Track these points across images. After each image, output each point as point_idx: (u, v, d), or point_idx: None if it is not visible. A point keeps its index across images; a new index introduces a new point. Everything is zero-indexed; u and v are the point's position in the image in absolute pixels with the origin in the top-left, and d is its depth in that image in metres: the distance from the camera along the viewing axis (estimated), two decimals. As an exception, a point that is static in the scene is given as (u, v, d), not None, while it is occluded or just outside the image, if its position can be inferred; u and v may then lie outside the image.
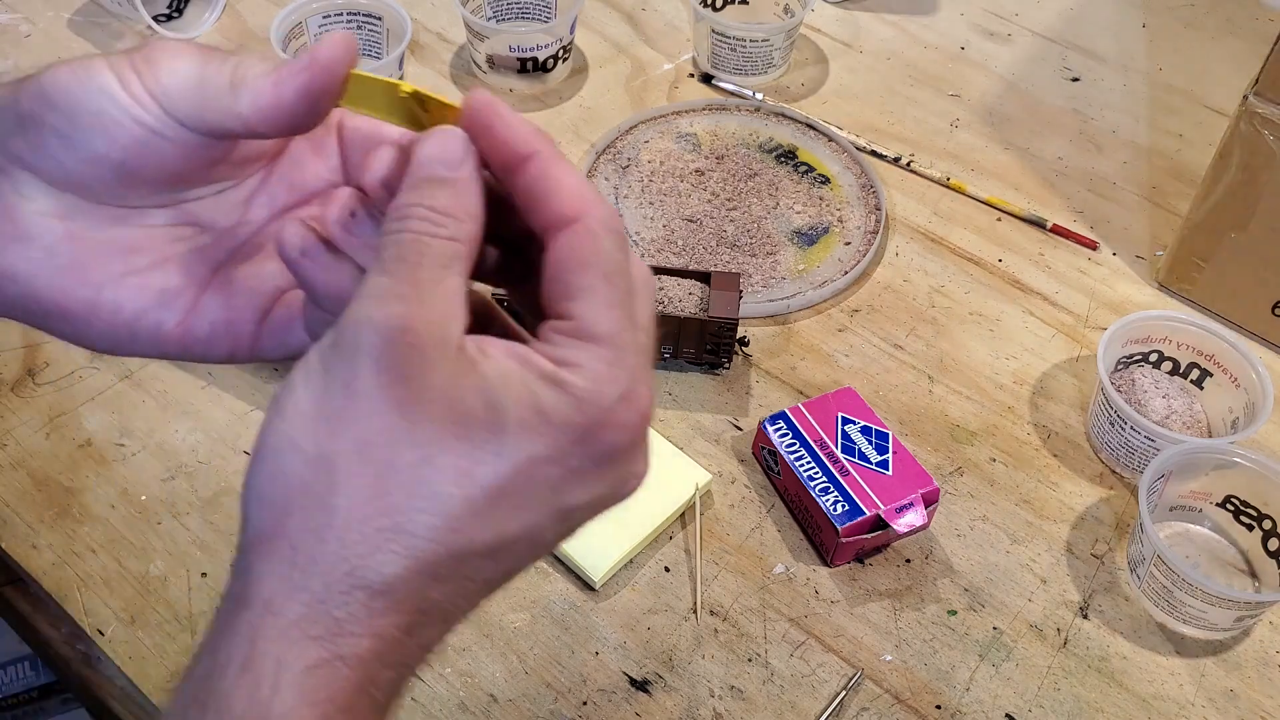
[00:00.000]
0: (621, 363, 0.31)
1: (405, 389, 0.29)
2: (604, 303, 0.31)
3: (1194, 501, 0.67)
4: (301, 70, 0.33)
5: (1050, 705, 0.59)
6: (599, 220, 0.32)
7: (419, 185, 0.32)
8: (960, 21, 1.01)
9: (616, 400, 0.30)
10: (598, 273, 0.31)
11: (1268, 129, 0.69)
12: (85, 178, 0.35)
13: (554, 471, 0.30)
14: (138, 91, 0.34)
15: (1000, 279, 0.80)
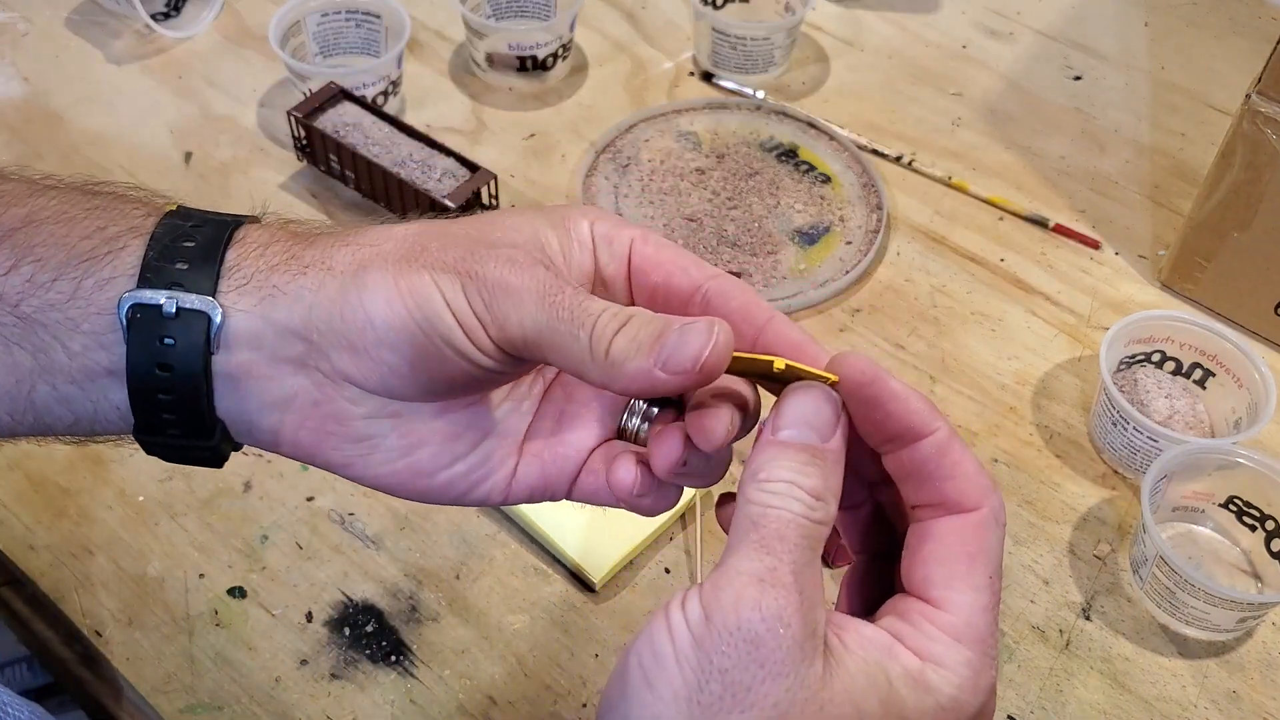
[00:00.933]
0: (986, 672, 0.30)
1: (780, 685, 0.28)
2: (984, 605, 0.31)
3: (1196, 502, 0.66)
4: (684, 370, 0.32)
5: (1052, 707, 0.59)
6: (996, 514, 0.32)
7: (788, 454, 0.32)
8: (962, 20, 1.01)
9: (978, 710, 0.30)
10: (985, 571, 0.31)
11: (1270, 128, 0.69)
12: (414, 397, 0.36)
13: None
14: (483, 342, 0.34)
15: (1002, 279, 0.80)
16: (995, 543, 0.32)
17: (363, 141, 0.78)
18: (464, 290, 0.33)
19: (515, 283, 0.33)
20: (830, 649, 0.29)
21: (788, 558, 0.30)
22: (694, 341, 0.32)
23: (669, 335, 0.32)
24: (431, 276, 0.33)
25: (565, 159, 0.86)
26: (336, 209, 0.81)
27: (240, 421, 0.36)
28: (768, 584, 0.29)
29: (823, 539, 0.31)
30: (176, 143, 0.85)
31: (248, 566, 0.62)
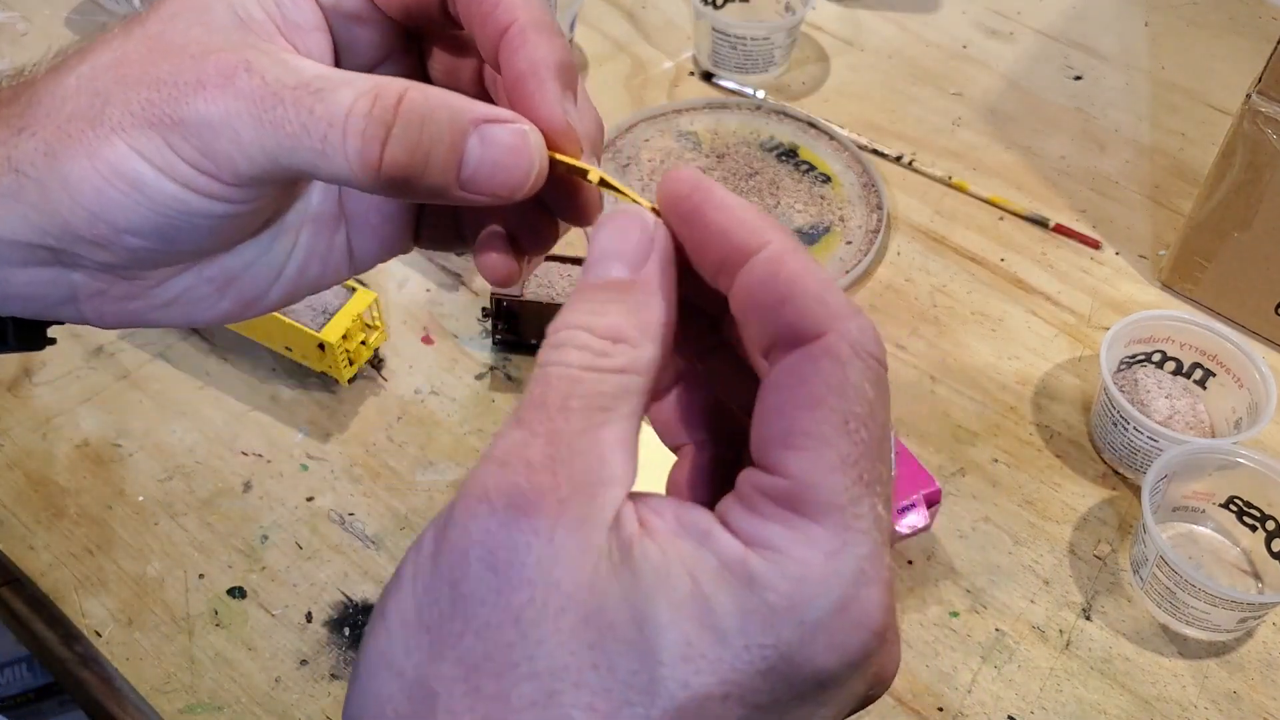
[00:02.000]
0: (845, 551, 0.22)
1: (525, 593, 0.21)
2: (835, 459, 0.22)
3: (1197, 502, 0.66)
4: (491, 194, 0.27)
5: (1053, 707, 0.59)
6: (848, 337, 0.23)
7: (586, 289, 0.25)
8: (962, 20, 1.01)
9: (831, 607, 0.22)
10: (834, 413, 0.22)
11: (1271, 128, 0.69)
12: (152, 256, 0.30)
13: (733, 711, 0.22)
14: (222, 192, 0.28)
15: (1002, 278, 0.80)
16: (846, 377, 0.23)
17: (362, 141, 0.77)
18: (170, 147, 0.27)
19: (217, 114, 0.27)
20: (625, 543, 0.22)
21: (545, 427, 0.23)
22: (508, 158, 0.26)
23: (465, 147, 0.26)
24: (127, 144, 0.27)
25: (565, 159, 0.86)
26: (336, 209, 0.81)
27: (35, 320, 0.33)
28: (512, 465, 0.22)
29: (629, 391, 0.24)
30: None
31: (247, 566, 0.62)
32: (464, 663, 0.22)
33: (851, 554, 0.22)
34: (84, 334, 0.72)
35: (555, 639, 0.21)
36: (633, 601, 0.21)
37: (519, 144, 0.27)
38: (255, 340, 0.70)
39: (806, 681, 0.22)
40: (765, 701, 0.22)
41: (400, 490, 0.66)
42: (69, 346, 0.71)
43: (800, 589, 0.21)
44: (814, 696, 0.22)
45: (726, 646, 0.21)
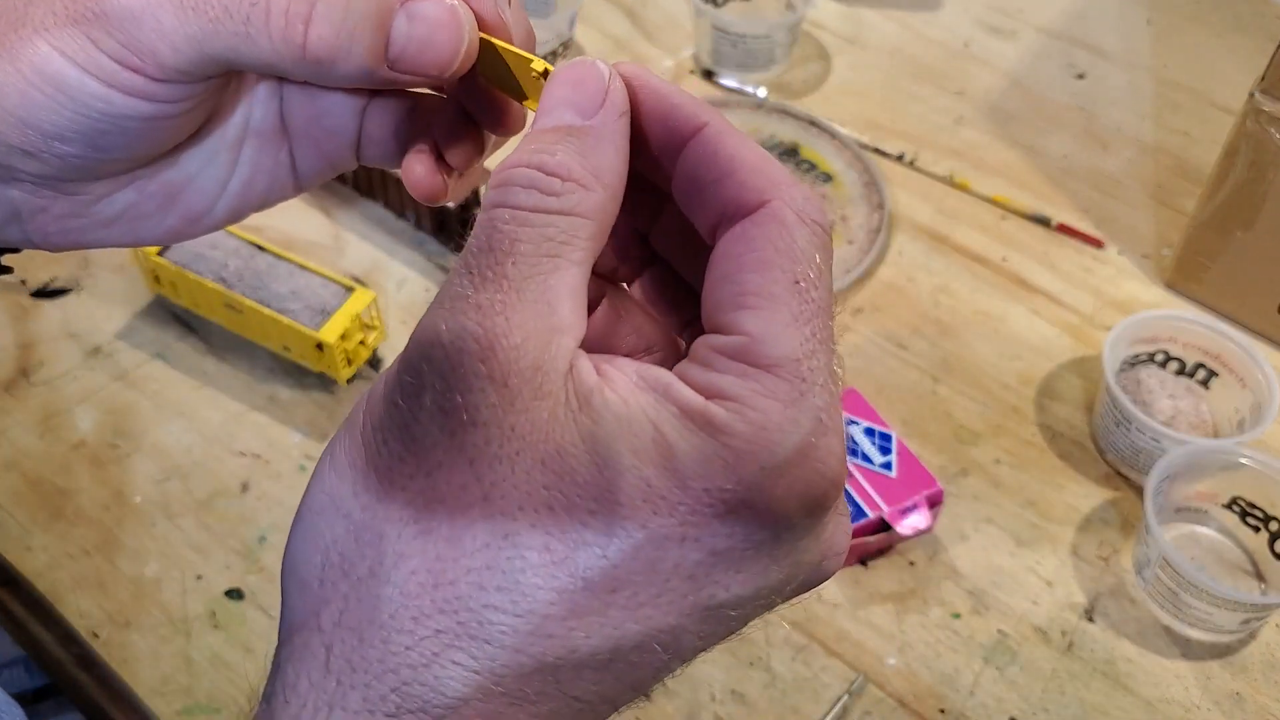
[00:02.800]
0: (803, 401, 0.22)
1: (480, 435, 0.21)
2: (788, 316, 0.23)
3: (1200, 503, 0.66)
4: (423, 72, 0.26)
5: (1055, 709, 0.59)
6: (792, 204, 0.24)
7: (535, 134, 0.24)
8: (964, 18, 1.00)
9: (791, 452, 0.22)
10: (784, 274, 0.23)
11: (1274, 126, 0.68)
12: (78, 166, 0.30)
13: (691, 556, 0.22)
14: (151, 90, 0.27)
15: (1005, 278, 0.79)
16: (794, 240, 0.23)
17: (361, 140, 0.77)
18: (93, 42, 0.27)
19: (139, 3, 0.26)
20: (585, 390, 0.22)
21: (494, 271, 0.22)
22: (437, 34, 0.26)
23: (392, 23, 0.26)
24: (49, 43, 0.27)
25: (565, 157, 0.85)
26: (334, 207, 0.80)
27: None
28: (462, 310, 0.22)
29: (578, 236, 0.23)
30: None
31: (245, 568, 0.62)
32: (414, 504, 0.21)
33: (810, 403, 0.22)
34: (81, 335, 0.72)
35: (510, 481, 0.21)
36: (592, 445, 0.21)
37: (448, 19, 0.27)
38: (253, 340, 0.70)
39: (765, 529, 0.22)
40: (723, 547, 0.22)
41: (399, 491, 0.65)
42: (67, 347, 0.71)
43: (761, 435, 0.21)
44: (770, 548, 0.22)
45: (687, 490, 0.21)
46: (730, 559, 0.22)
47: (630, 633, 0.22)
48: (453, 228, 0.75)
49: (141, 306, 0.73)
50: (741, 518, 0.22)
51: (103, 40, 0.27)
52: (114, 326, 0.72)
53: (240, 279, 0.67)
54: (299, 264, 0.69)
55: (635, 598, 0.22)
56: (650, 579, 0.22)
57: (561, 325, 0.22)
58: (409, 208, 0.77)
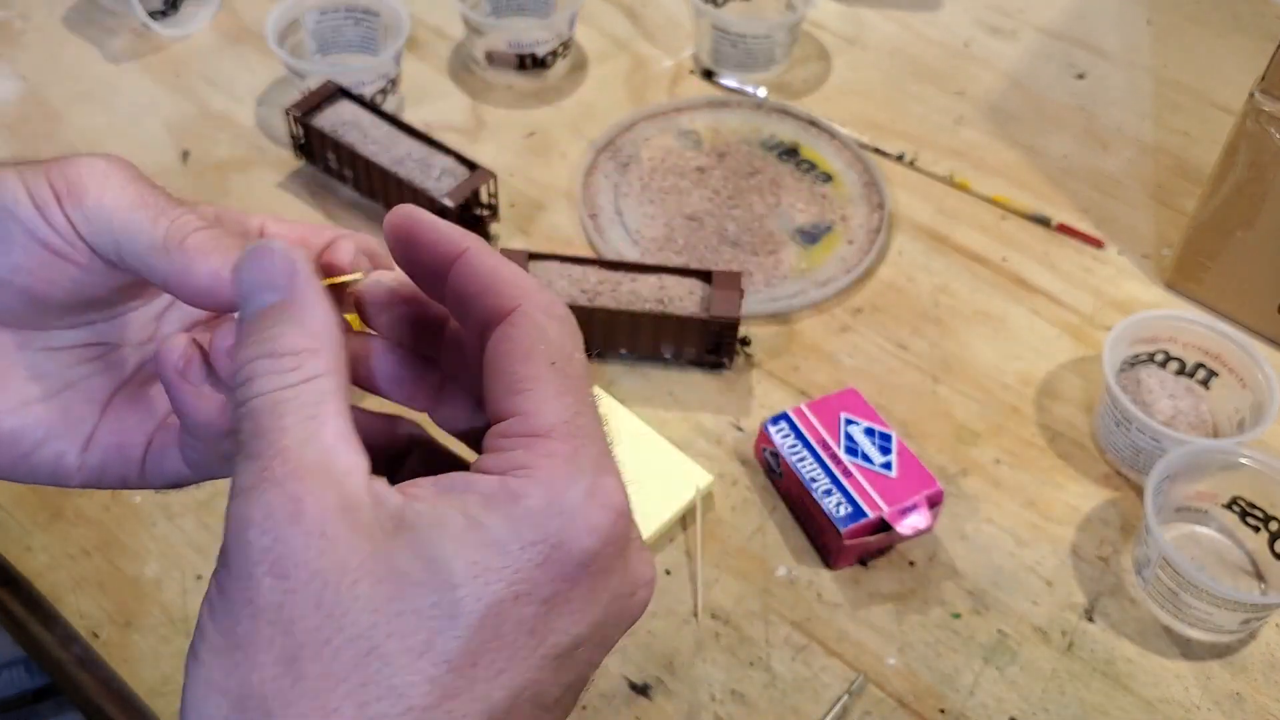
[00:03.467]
0: (580, 454, 0.26)
1: (318, 581, 0.24)
2: (553, 391, 0.27)
3: (1200, 503, 0.66)
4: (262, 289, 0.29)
5: (1055, 709, 0.59)
6: (540, 305, 0.28)
7: (250, 324, 0.28)
8: (964, 18, 1.00)
9: (582, 499, 0.26)
10: (542, 360, 0.27)
11: (1274, 126, 0.69)
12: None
13: (527, 611, 0.25)
14: (56, 218, 0.31)
15: (1005, 278, 0.79)
16: (545, 332, 0.28)
17: (361, 140, 0.77)
18: (47, 174, 0.31)
19: (103, 166, 0.31)
20: (394, 513, 0.25)
21: (273, 449, 0.25)
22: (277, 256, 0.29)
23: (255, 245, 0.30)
24: (15, 172, 0.31)
25: (565, 157, 0.85)
26: (335, 207, 0.80)
27: None
28: (261, 489, 0.25)
29: (327, 392, 0.26)
30: (174, 141, 0.84)
31: (245, 568, 0.62)
32: (281, 660, 0.24)
33: (586, 452, 0.27)
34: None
35: (357, 606, 0.24)
36: (417, 550, 0.25)
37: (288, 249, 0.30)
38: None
39: (576, 565, 0.26)
40: (548, 593, 0.25)
41: (399, 491, 0.65)
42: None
43: (552, 488, 0.26)
44: (588, 584, 0.26)
45: (506, 554, 0.25)
46: (558, 604, 0.26)
47: (499, 699, 0.25)
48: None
49: (141, 306, 0.73)
50: (557, 562, 0.25)
51: (55, 176, 0.31)
52: (114, 326, 0.72)
53: None
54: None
55: (494, 665, 0.25)
56: (500, 644, 0.25)
57: (348, 469, 0.26)
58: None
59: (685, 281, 0.71)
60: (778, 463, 0.65)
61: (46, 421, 0.34)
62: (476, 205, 0.77)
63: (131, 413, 0.35)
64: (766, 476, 0.67)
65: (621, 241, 0.79)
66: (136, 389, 0.36)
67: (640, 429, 0.67)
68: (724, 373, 0.72)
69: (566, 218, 0.81)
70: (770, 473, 0.67)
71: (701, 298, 0.70)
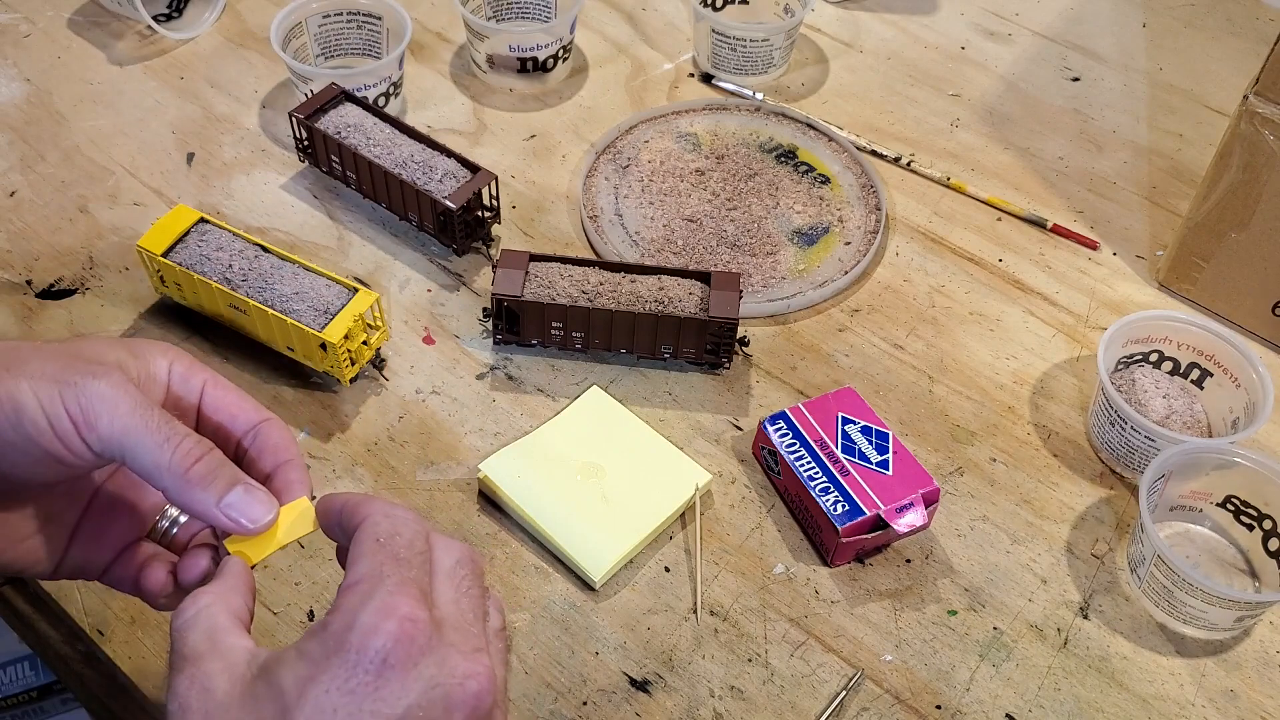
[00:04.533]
0: (376, 588, 0.37)
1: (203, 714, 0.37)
2: (368, 554, 0.39)
3: (1194, 501, 0.67)
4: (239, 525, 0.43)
5: (1050, 705, 0.59)
6: (377, 513, 0.40)
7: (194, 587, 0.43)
8: (960, 21, 1.01)
9: (367, 610, 0.37)
10: (370, 541, 0.39)
11: (1268, 129, 0.69)
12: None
13: (338, 698, 0.36)
14: (75, 445, 0.40)
15: (1000, 279, 0.80)
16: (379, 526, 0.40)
17: (364, 143, 0.78)
18: (61, 396, 0.40)
19: (111, 392, 0.40)
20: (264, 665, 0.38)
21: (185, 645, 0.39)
22: (258, 507, 0.43)
23: (238, 488, 0.42)
24: (30, 385, 0.40)
25: (565, 160, 0.86)
26: (338, 209, 0.81)
27: None
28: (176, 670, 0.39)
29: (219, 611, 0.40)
30: (179, 144, 0.85)
31: (249, 565, 0.62)
32: None
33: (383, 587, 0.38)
34: (88, 334, 0.72)
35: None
36: (267, 680, 0.37)
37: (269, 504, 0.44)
38: (257, 341, 0.70)
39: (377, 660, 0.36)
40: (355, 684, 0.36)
41: (401, 489, 0.66)
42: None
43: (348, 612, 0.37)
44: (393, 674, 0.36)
45: (317, 664, 0.36)
46: (368, 689, 0.36)
47: None
48: (454, 229, 0.76)
49: (147, 307, 0.74)
50: (359, 663, 0.36)
51: (69, 398, 0.40)
52: (119, 327, 0.73)
53: (245, 280, 0.68)
54: (303, 265, 0.69)
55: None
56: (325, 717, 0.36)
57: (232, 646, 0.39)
58: (411, 210, 0.78)
59: (684, 282, 0.72)
60: (776, 461, 0.66)
61: (27, 554, 0.45)
62: (478, 207, 0.77)
63: (92, 543, 0.47)
64: (765, 475, 0.68)
65: (621, 243, 0.80)
66: (101, 515, 0.47)
67: (640, 428, 0.68)
68: (723, 372, 0.73)
69: (567, 219, 0.82)
70: (768, 471, 0.68)
71: (700, 298, 0.71)
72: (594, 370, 0.73)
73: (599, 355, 0.73)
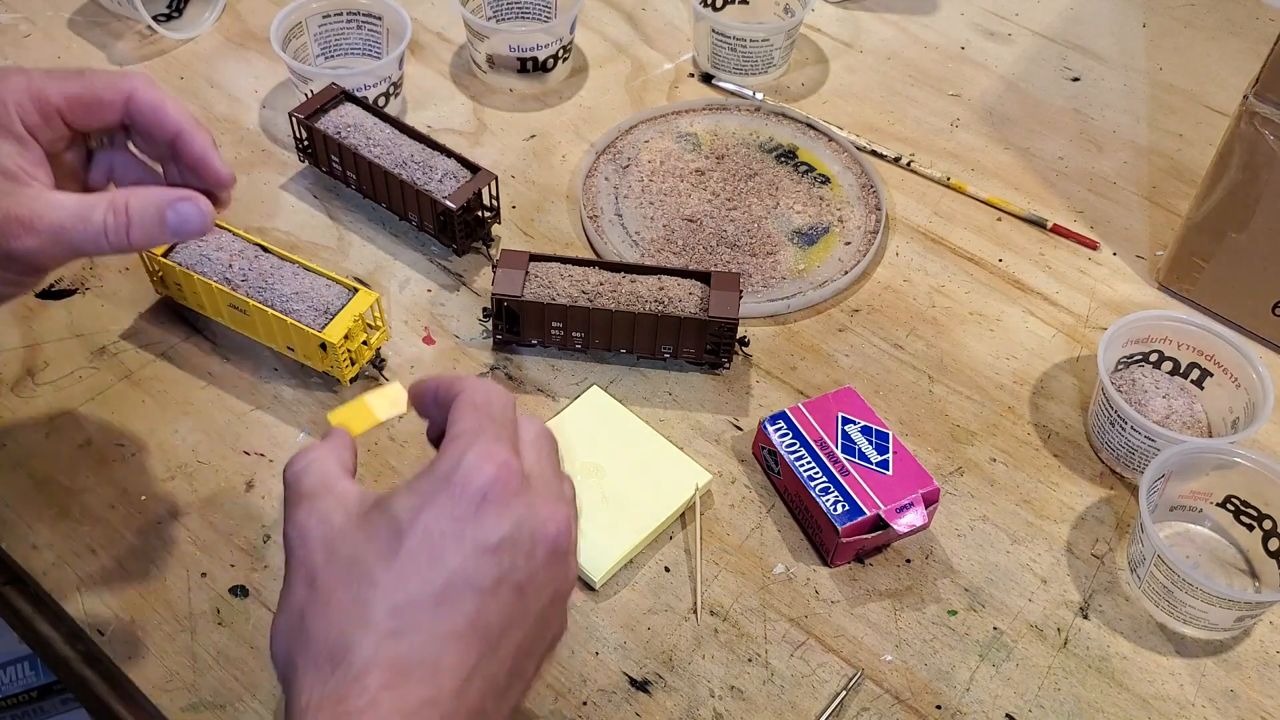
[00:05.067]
0: (476, 438, 0.43)
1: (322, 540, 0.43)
2: (468, 414, 0.45)
3: (1194, 501, 0.67)
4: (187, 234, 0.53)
5: (1050, 705, 0.59)
6: (470, 384, 0.46)
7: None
8: (960, 21, 1.01)
9: (470, 454, 0.43)
10: (468, 405, 0.45)
11: (1268, 129, 0.69)
12: None
13: (445, 524, 0.41)
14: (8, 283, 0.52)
15: (1000, 279, 0.80)
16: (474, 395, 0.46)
17: (364, 143, 0.78)
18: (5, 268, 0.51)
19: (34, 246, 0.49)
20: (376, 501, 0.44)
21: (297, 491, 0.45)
22: (191, 221, 0.52)
23: (167, 217, 0.51)
24: None
25: (565, 160, 0.86)
26: (338, 210, 0.81)
27: None
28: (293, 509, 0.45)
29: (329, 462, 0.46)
30: (178, 144, 0.85)
31: (250, 565, 0.62)
32: (305, 582, 0.42)
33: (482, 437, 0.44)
34: (87, 335, 0.72)
35: (345, 545, 0.42)
36: (381, 510, 0.43)
37: (197, 211, 0.52)
38: (257, 341, 0.70)
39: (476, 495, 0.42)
40: (459, 513, 0.42)
41: (401, 490, 0.66)
42: (73, 347, 0.72)
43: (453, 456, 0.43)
44: (491, 507, 0.42)
45: (424, 495, 0.42)
46: (469, 519, 0.42)
47: (438, 576, 0.41)
48: (454, 229, 0.76)
49: (147, 307, 0.74)
50: (461, 497, 0.42)
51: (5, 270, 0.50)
52: (120, 327, 0.73)
53: (245, 280, 0.68)
54: (303, 265, 0.69)
55: (431, 554, 0.41)
56: (431, 542, 0.41)
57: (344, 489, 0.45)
58: (411, 210, 0.78)
59: (684, 282, 0.72)
60: (776, 461, 0.66)
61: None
62: (478, 207, 0.77)
63: None
64: (765, 475, 0.68)
65: (621, 243, 0.80)
66: None
67: (640, 428, 0.68)
68: (723, 372, 0.73)
69: (567, 219, 0.82)
70: (768, 471, 0.68)
71: (700, 298, 0.71)
72: (594, 370, 0.73)
73: (599, 355, 0.73)
